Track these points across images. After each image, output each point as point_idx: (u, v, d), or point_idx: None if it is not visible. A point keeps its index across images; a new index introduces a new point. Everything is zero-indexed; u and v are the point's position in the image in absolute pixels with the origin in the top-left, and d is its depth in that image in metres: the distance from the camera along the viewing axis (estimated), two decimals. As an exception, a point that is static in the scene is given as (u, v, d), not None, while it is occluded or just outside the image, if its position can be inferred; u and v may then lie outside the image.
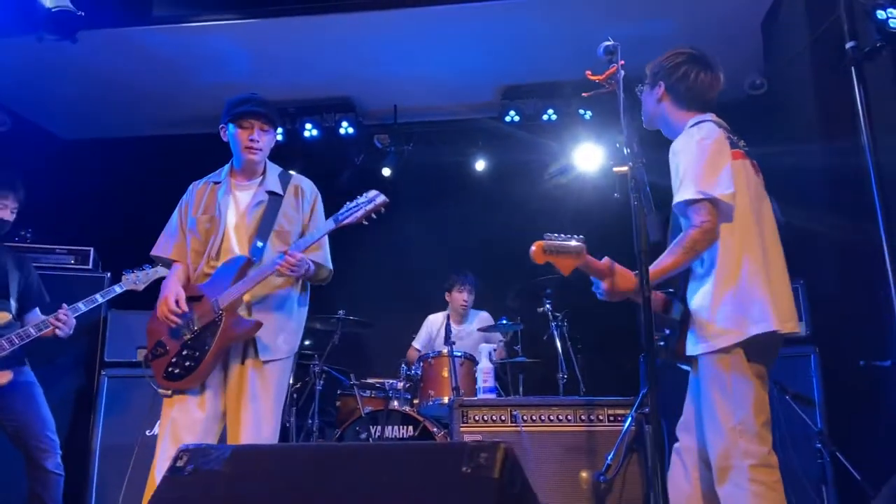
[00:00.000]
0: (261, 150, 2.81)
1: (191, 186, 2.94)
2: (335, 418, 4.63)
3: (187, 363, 2.62)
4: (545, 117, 5.37)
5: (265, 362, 2.66)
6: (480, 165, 5.87)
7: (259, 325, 2.62)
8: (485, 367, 4.16)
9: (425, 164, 5.84)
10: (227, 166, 2.92)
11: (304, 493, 1.37)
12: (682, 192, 2.14)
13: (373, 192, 2.69)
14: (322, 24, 4.49)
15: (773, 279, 2.13)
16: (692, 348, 2.18)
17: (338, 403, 4.59)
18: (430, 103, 5.55)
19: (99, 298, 3.42)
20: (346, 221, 2.67)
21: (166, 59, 4.78)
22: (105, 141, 5.84)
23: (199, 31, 4.50)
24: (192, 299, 2.70)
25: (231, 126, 2.81)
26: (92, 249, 4.55)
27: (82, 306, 3.38)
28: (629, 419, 3.40)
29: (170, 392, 2.63)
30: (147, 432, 4.05)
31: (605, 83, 2.21)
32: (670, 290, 2.31)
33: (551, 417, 3.52)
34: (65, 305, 3.33)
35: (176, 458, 1.54)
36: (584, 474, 3.38)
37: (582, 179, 5.51)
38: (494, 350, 4.47)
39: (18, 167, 3.65)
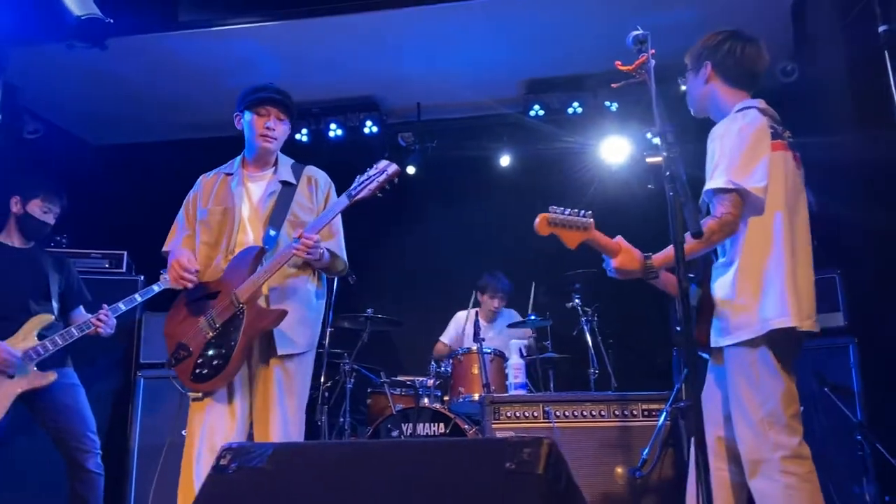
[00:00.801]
0: (276, 139, 2.73)
1: (199, 178, 2.86)
2: (366, 416, 4.65)
3: (215, 362, 2.49)
4: (570, 110, 5.31)
5: (287, 358, 2.57)
6: (505, 161, 5.83)
7: (284, 312, 2.49)
8: (515, 363, 4.14)
9: (450, 161, 5.82)
10: (238, 157, 2.85)
11: (348, 488, 1.37)
12: (714, 180, 2.10)
13: (384, 163, 2.58)
14: (344, 24, 4.49)
15: (799, 276, 2.08)
16: (718, 339, 2.15)
17: (368, 401, 4.61)
18: (454, 100, 5.52)
19: (138, 298, 3.48)
20: (359, 196, 2.54)
21: (193, 64, 4.83)
22: (135, 146, 5.91)
23: (224, 35, 4.54)
24: (209, 296, 2.59)
25: (247, 113, 2.74)
26: (125, 253, 4.62)
27: (122, 306, 3.44)
28: (664, 414, 3.36)
29: (200, 395, 2.52)
30: (182, 432, 4.10)
31: (636, 73, 2.17)
32: (691, 275, 2.28)
33: (584, 413, 3.49)
34: (105, 306, 3.39)
35: (219, 457, 1.55)
36: (619, 470, 3.35)
37: (609, 172, 5.45)
38: (525, 346, 4.44)
39: (51, 173, 3.72)
